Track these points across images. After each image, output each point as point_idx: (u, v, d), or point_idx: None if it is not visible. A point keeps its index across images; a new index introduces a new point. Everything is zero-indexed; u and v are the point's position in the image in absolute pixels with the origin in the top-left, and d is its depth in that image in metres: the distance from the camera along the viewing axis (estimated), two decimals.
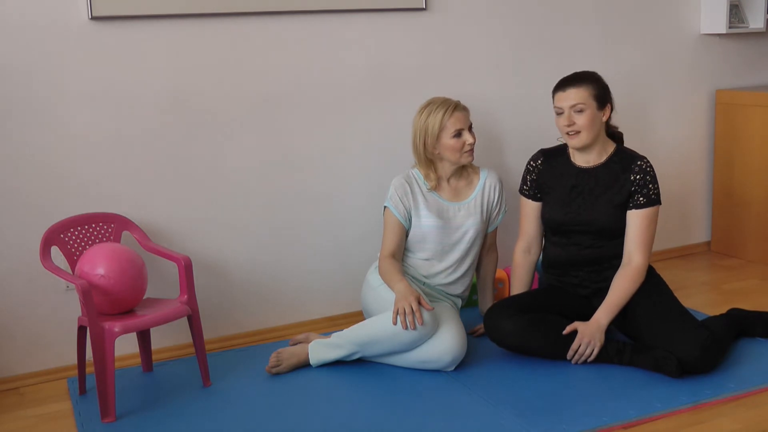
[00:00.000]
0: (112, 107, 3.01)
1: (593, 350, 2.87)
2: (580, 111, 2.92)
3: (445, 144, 3.05)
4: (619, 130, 3.13)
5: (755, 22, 4.18)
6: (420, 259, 3.14)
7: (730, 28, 4.06)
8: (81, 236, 2.91)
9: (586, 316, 2.96)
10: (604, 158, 3.03)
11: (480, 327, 3.22)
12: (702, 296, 3.70)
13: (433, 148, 3.07)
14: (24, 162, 2.91)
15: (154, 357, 3.09)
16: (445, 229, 3.11)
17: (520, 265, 3.18)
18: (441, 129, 3.03)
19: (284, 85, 3.26)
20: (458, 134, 3.04)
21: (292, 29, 3.24)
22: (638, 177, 2.95)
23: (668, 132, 4.16)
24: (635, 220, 2.96)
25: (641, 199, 2.95)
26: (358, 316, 3.38)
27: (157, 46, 3.04)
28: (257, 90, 3.22)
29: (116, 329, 2.61)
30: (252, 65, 3.20)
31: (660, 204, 2.98)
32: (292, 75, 3.27)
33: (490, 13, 3.61)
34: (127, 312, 2.78)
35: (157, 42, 3.04)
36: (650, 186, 2.95)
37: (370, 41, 3.40)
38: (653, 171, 2.98)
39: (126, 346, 3.06)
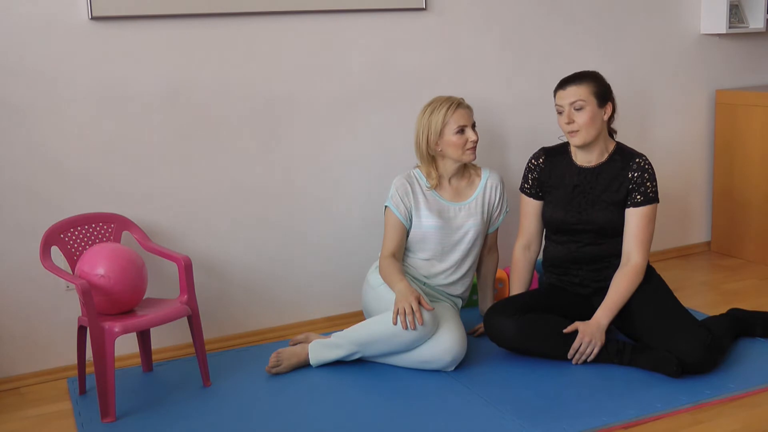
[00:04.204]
0: (112, 107, 3.01)
1: (594, 350, 2.87)
2: (580, 108, 2.92)
3: (447, 140, 3.05)
4: (618, 130, 3.14)
5: (755, 22, 4.18)
6: (420, 260, 3.14)
7: (730, 28, 4.06)
8: (81, 236, 2.91)
9: (586, 316, 2.96)
10: (605, 157, 3.03)
11: (480, 327, 3.22)
12: (702, 296, 3.70)
13: (436, 145, 3.07)
14: (24, 162, 2.91)
15: (154, 357, 3.09)
16: (446, 230, 3.11)
17: (520, 263, 3.18)
18: (444, 125, 3.03)
19: (284, 85, 3.26)
20: (461, 131, 3.04)
21: (292, 29, 3.24)
22: (636, 175, 2.95)
23: (668, 132, 4.16)
24: (633, 218, 2.96)
25: (639, 197, 2.95)
26: (358, 316, 3.38)
27: (157, 46, 3.04)
28: (257, 90, 3.22)
29: (116, 329, 2.61)
30: (252, 65, 3.20)
31: (658, 202, 2.98)
32: (292, 75, 3.27)
33: (490, 13, 3.61)
34: (127, 312, 2.79)
35: (157, 42, 3.04)
36: (648, 184, 2.95)
37: (370, 41, 3.40)
38: (652, 169, 2.98)
39: (126, 346, 3.06)
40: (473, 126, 3.08)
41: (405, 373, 2.91)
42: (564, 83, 2.97)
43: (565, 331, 2.89)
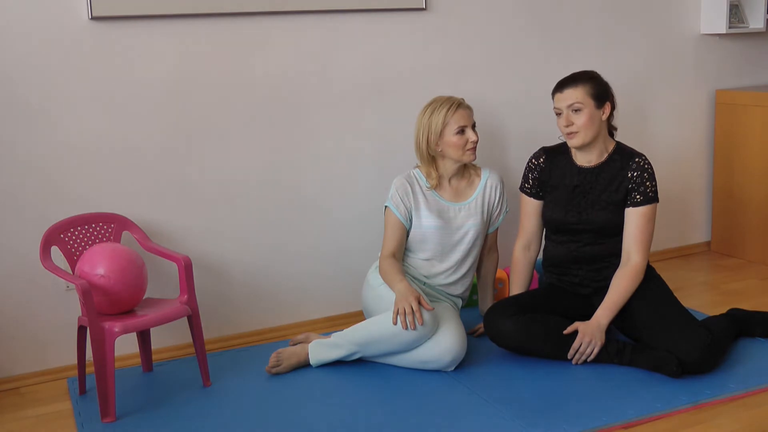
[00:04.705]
0: (112, 107, 3.01)
1: (594, 350, 2.87)
2: (578, 110, 2.92)
3: (448, 141, 3.05)
4: (618, 130, 3.14)
5: (755, 22, 4.19)
6: (420, 260, 3.14)
7: (730, 28, 4.06)
8: (81, 236, 2.91)
9: (586, 316, 2.96)
10: (605, 157, 3.03)
11: (480, 327, 3.23)
12: (702, 296, 3.70)
13: (436, 146, 3.07)
14: (24, 162, 2.91)
15: (154, 357, 3.09)
16: (446, 230, 3.11)
17: (520, 262, 3.18)
18: (444, 125, 3.03)
19: (284, 86, 3.26)
20: (461, 131, 3.04)
21: (292, 29, 3.24)
22: (635, 174, 2.96)
23: (668, 132, 4.16)
24: (633, 218, 2.96)
25: (638, 197, 2.95)
26: (358, 316, 3.38)
27: (157, 46, 3.04)
28: (257, 90, 3.22)
29: (116, 329, 2.61)
30: (252, 65, 3.20)
31: (657, 202, 2.98)
32: (291, 75, 3.27)
33: (490, 13, 3.61)
34: (127, 312, 2.79)
35: (157, 42, 3.04)
36: (647, 184, 2.95)
37: (370, 41, 3.40)
38: (651, 168, 2.99)
39: (126, 346, 3.06)
40: (473, 126, 3.08)
41: (405, 373, 2.91)
42: (561, 86, 2.98)
43: (565, 332, 2.89)
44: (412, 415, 2.61)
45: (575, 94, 2.92)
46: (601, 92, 2.96)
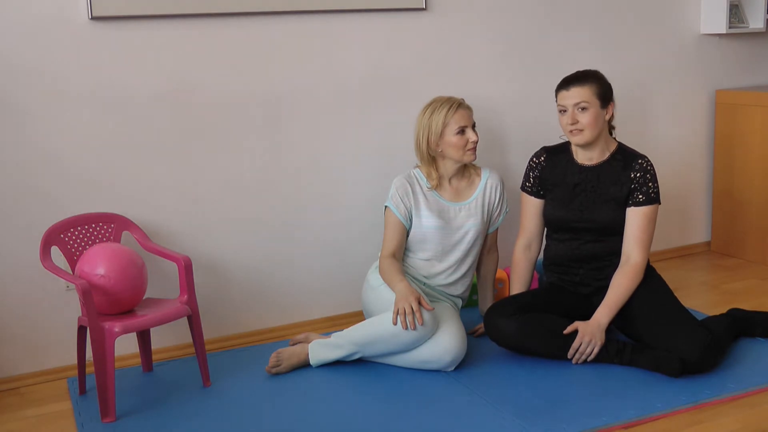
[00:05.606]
0: (112, 107, 3.01)
1: (594, 349, 2.87)
2: (584, 109, 2.92)
3: (448, 141, 3.05)
4: (618, 130, 3.14)
5: (755, 22, 4.19)
6: (420, 260, 3.14)
7: (730, 28, 4.06)
8: (81, 236, 2.91)
9: (586, 316, 2.96)
10: (606, 156, 3.03)
11: (480, 327, 3.23)
12: (702, 296, 3.70)
13: (436, 146, 3.07)
14: (24, 162, 2.91)
15: (154, 357, 3.09)
16: (446, 230, 3.11)
17: (520, 262, 3.19)
18: (444, 126, 3.03)
19: (284, 85, 3.26)
20: (461, 131, 3.04)
21: (292, 29, 3.24)
22: (638, 175, 2.96)
23: (668, 132, 4.16)
24: (634, 217, 2.96)
25: (641, 197, 2.95)
26: (358, 316, 3.38)
27: (157, 46, 3.04)
28: (257, 90, 3.22)
29: (116, 329, 2.61)
30: (252, 65, 3.20)
31: (659, 203, 2.98)
32: (292, 75, 3.27)
33: (490, 13, 3.61)
34: (127, 312, 2.79)
35: (157, 42, 3.04)
36: (650, 184, 2.96)
37: (370, 41, 3.40)
38: (653, 170, 2.99)
39: (126, 346, 3.06)
40: (473, 126, 3.09)
41: (405, 373, 2.91)
42: (567, 83, 2.97)
43: (565, 331, 2.89)
44: (412, 415, 2.61)
45: (582, 93, 2.92)
46: (606, 92, 2.97)
